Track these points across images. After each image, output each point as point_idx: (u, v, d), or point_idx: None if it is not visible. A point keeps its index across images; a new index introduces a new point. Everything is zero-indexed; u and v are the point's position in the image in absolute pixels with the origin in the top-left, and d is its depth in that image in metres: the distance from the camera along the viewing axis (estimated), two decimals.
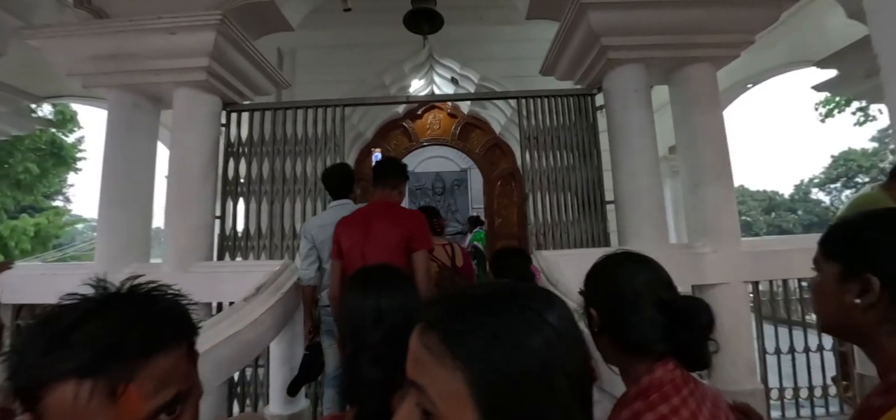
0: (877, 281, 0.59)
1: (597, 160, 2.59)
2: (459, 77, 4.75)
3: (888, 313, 0.59)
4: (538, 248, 2.48)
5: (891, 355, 0.60)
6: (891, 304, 0.59)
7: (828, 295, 0.67)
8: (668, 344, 0.77)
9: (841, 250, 0.67)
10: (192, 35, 2.31)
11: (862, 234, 0.66)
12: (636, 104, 2.33)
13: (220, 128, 2.71)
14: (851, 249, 0.66)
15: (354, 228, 1.92)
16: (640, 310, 0.80)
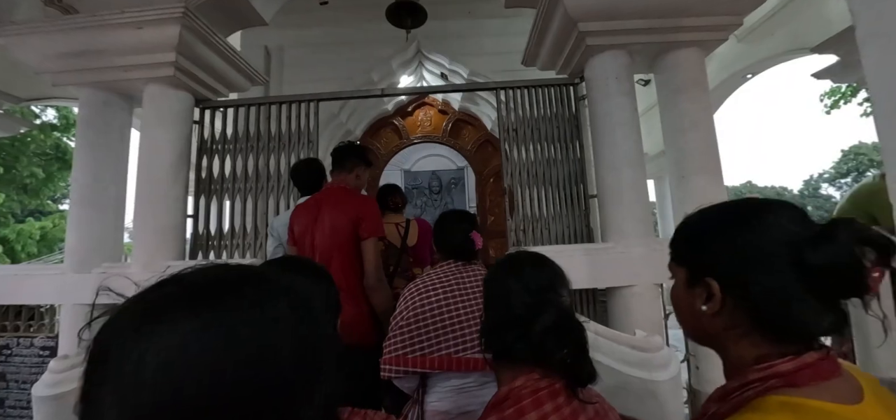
0: (716, 286, 0.55)
1: (580, 152, 2.49)
2: (449, 72, 4.66)
3: (733, 318, 0.55)
4: (517, 244, 2.38)
5: (733, 361, 0.57)
6: (734, 309, 0.55)
7: (680, 301, 0.64)
8: (529, 351, 0.72)
9: (684, 254, 0.64)
10: (158, 29, 2.25)
11: (699, 236, 0.62)
12: (617, 93, 2.22)
13: (193, 125, 2.65)
14: (692, 253, 0.62)
15: (305, 214, 1.88)
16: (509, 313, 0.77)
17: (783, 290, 0.51)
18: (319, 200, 1.88)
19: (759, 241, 0.53)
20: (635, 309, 2.08)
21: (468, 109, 4.99)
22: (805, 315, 0.51)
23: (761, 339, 0.53)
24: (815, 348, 0.52)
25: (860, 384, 0.51)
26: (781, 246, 0.51)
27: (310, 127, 2.64)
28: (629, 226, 2.14)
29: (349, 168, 1.95)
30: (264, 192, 2.62)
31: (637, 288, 2.09)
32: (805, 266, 0.49)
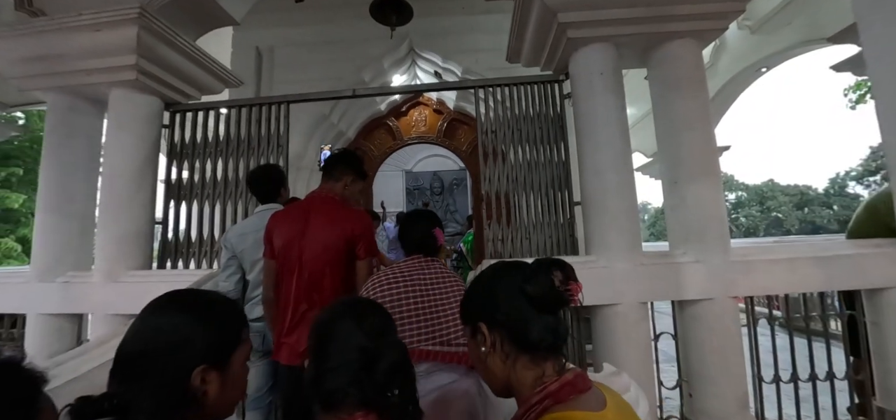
0: (484, 326, 0.73)
1: (565, 155, 2.29)
2: (442, 71, 4.50)
3: (504, 349, 0.72)
4: (495, 255, 2.21)
5: (519, 391, 0.71)
6: (502, 342, 0.72)
7: (475, 358, 0.77)
8: (362, 395, 0.73)
9: (464, 312, 0.80)
10: (115, 31, 2.16)
11: (469, 296, 0.81)
12: (602, 89, 2.02)
13: (162, 130, 2.56)
14: (467, 308, 0.79)
15: (290, 224, 1.69)
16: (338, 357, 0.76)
17: (520, 313, 0.71)
18: (306, 210, 1.70)
19: (500, 286, 0.75)
20: (619, 329, 1.89)
21: (463, 109, 4.82)
22: (541, 328, 0.71)
23: (528, 360, 0.71)
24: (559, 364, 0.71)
25: (604, 395, 0.68)
26: (514, 285, 0.73)
27: (279, 130, 2.51)
28: (613, 237, 1.94)
29: (336, 176, 1.75)
30: (233, 198, 2.51)
31: (621, 307, 1.89)
32: (528, 295, 0.72)
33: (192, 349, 0.67)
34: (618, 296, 1.89)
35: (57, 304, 2.28)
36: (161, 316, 0.70)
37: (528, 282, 0.73)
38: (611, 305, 1.90)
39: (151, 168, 2.45)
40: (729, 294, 1.92)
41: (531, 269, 0.75)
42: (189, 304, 0.71)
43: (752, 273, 1.94)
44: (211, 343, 0.69)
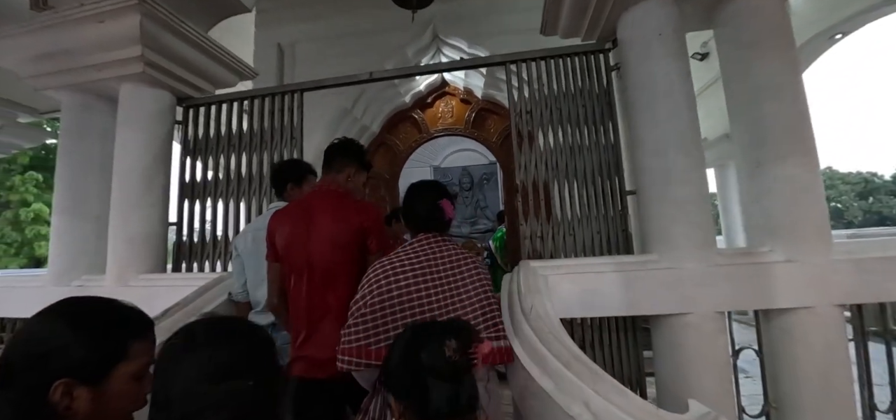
0: (391, 396, 0.80)
1: (613, 136, 1.95)
2: (469, 56, 4.20)
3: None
4: (533, 255, 1.90)
5: None
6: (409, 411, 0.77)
7: None
8: None
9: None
10: (118, 21, 2.04)
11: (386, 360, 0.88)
12: (662, 54, 1.67)
13: (175, 126, 2.44)
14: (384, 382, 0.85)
15: (293, 223, 1.52)
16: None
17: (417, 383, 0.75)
18: (309, 206, 1.53)
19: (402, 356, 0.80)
20: (689, 344, 1.54)
21: (493, 97, 4.51)
22: (438, 398, 0.73)
23: None
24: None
25: None
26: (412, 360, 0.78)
27: (293, 121, 2.32)
28: (679, 232, 1.59)
29: (338, 167, 1.58)
30: (246, 196, 2.34)
31: (692, 317, 1.54)
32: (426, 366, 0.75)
33: (55, 361, 0.63)
34: (687, 303, 1.54)
35: None
36: (40, 323, 0.67)
37: (422, 351, 0.75)
38: (678, 315, 1.55)
39: (163, 166, 2.32)
40: (833, 302, 1.52)
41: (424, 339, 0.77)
42: (67, 313, 0.68)
43: (863, 274, 1.52)
44: (81, 356, 0.65)
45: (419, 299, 1.13)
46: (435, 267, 1.18)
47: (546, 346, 1.13)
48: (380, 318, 1.13)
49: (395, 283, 1.15)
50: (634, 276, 1.58)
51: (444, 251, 1.22)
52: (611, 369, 1.75)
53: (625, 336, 1.77)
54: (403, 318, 1.12)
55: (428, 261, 1.19)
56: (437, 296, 1.15)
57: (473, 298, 1.16)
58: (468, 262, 1.21)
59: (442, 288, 1.16)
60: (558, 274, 1.60)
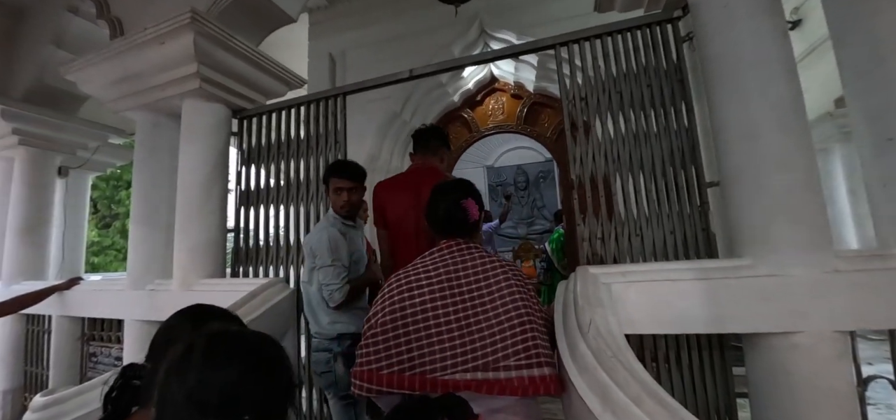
0: None
1: (687, 119, 1.65)
2: None
3: None
4: (593, 259, 1.67)
5: None
6: None
7: None
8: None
9: None
10: (176, 41, 2.16)
11: None
12: (749, 12, 1.36)
13: (231, 137, 2.55)
14: None
15: (401, 194, 1.86)
16: None
17: None
18: (415, 181, 1.83)
19: None
20: (800, 373, 1.22)
21: (545, 90, 4.24)
22: None
23: None
24: None
25: None
26: None
27: (336, 126, 2.30)
28: (781, 230, 1.27)
29: (434, 149, 1.97)
30: (295, 201, 2.37)
31: (802, 338, 1.22)
32: None
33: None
34: (795, 319, 1.23)
35: (145, 310, 2.37)
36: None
37: None
38: (783, 335, 1.24)
39: (220, 176, 2.43)
40: None
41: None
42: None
43: None
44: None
45: (437, 318, 0.99)
46: (456, 280, 1.03)
47: (609, 373, 0.93)
48: (393, 338, 1.01)
49: (409, 299, 1.02)
50: (722, 285, 1.30)
51: (470, 260, 1.06)
52: (693, 395, 1.48)
53: (709, 355, 1.48)
54: (418, 340, 0.99)
55: (447, 273, 1.04)
56: (458, 315, 1.00)
57: (504, 318, 0.98)
58: (499, 273, 1.04)
59: (464, 305, 1.00)
60: (624, 282, 1.37)
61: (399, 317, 1.01)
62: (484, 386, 0.93)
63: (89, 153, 3.85)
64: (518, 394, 0.91)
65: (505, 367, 0.94)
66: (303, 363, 2.25)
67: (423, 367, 0.98)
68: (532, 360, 0.96)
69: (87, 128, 3.62)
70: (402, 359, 0.99)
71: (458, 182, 1.26)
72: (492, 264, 1.07)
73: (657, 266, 1.43)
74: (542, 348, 1.00)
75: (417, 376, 0.97)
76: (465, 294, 1.02)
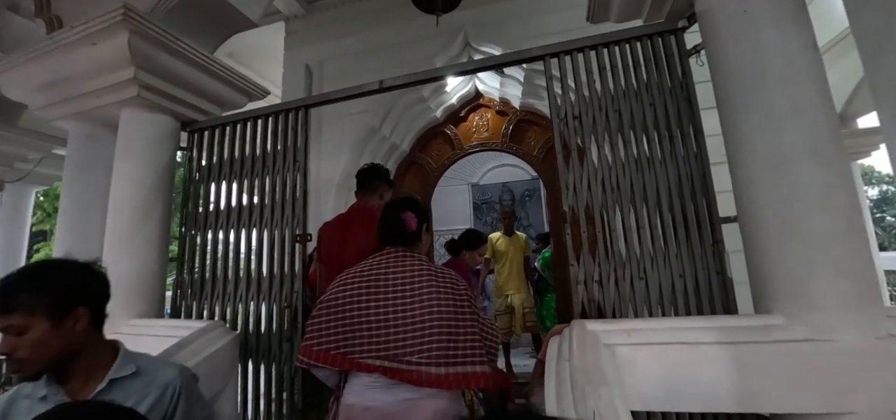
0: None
1: (696, 142, 1.43)
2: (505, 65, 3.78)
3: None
4: (588, 310, 1.41)
5: None
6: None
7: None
8: None
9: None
10: (109, 41, 1.85)
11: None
12: (771, 21, 1.15)
13: (175, 153, 2.23)
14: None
15: (333, 231, 2.03)
16: None
17: None
18: (346, 219, 2.04)
19: None
20: None
21: (532, 107, 4.04)
22: None
23: None
24: None
25: None
26: None
27: (296, 142, 2.02)
28: (823, 285, 1.03)
29: (373, 188, 2.08)
30: (247, 227, 2.07)
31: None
32: None
33: None
34: (845, 398, 0.98)
35: None
36: None
37: None
38: (828, 415, 0.99)
39: (162, 198, 2.11)
40: None
41: None
42: None
43: None
44: None
45: (360, 310, 1.16)
46: (384, 280, 1.19)
47: None
48: (324, 321, 1.19)
49: (342, 291, 1.20)
50: (750, 351, 1.04)
51: (401, 266, 1.21)
52: None
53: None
54: (345, 326, 1.16)
55: (377, 274, 1.21)
56: (379, 309, 1.15)
57: (418, 318, 1.13)
58: (425, 280, 1.18)
59: (386, 302, 1.16)
60: (630, 344, 1.10)
61: (333, 305, 1.19)
62: (388, 372, 1.10)
63: (30, 165, 3.47)
64: (414, 383, 1.08)
65: (407, 360, 1.10)
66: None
67: (346, 349, 1.15)
68: (431, 360, 1.10)
69: (28, 137, 3.25)
70: (330, 340, 1.17)
71: (404, 199, 1.39)
72: (420, 272, 1.20)
73: (669, 323, 1.17)
74: (478, 347, 1.15)
75: (339, 355, 1.16)
76: (389, 293, 1.17)
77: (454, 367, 1.10)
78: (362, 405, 1.13)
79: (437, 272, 1.22)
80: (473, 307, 1.20)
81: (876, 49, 1.16)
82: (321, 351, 1.16)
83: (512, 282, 4.00)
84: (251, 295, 1.98)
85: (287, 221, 1.96)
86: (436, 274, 1.21)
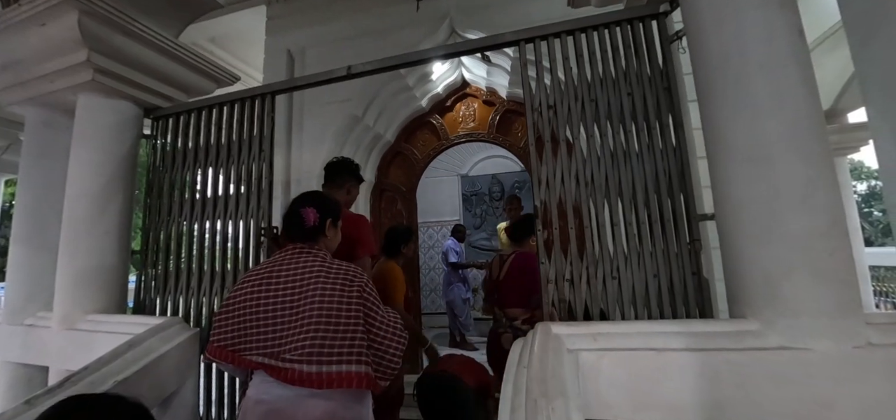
0: None
1: (675, 135, 1.35)
2: (491, 52, 3.68)
3: None
4: (555, 313, 1.34)
5: None
6: None
7: None
8: None
9: None
10: (58, 21, 1.74)
11: None
12: (756, 3, 1.06)
13: (136, 142, 2.12)
14: None
15: None
16: None
17: None
18: None
19: None
20: None
21: (518, 97, 3.94)
22: None
23: None
24: None
25: None
26: None
27: (262, 131, 1.92)
28: (800, 289, 0.96)
29: (340, 182, 1.98)
30: (212, 217, 1.97)
31: None
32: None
33: None
34: (819, 413, 0.92)
35: (19, 351, 1.93)
36: None
37: None
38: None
39: (122, 187, 2.01)
40: None
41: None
42: None
43: None
44: None
45: (250, 308, 1.15)
46: (276, 278, 1.17)
47: None
48: (224, 318, 1.19)
49: (239, 290, 1.20)
50: (721, 359, 0.98)
51: (295, 263, 1.19)
52: None
53: None
54: (237, 324, 1.16)
55: (269, 272, 1.19)
56: (275, 305, 1.14)
57: (315, 314, 1.11)
58: (324, 277, 1.15)
59: (275, 300, 1.15)
60: (595, 350, 1.03)
61: (232, 303, 1.19)
62: (268, 370, 1.10)
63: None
64: (288, 382, 1.06)
65: (283, 358, 1.08)
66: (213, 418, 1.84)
67: (236, 346, 1.16)
68: (303, 357, 1.08)
69: None
70: (227, 337, 1.17)
71: (308, 193, 1.35)
72: (312, 269, 1.17)
73: (637, 327, 1.10)
74: (357, 348, 1.12)
75: (231, 352, 1.16)
76: (278, 291, 1.15)
77: (328, 365, 1.08)
78: (256, 398, 1.13)
79: (331, 269, 1.19)
80: (367, 307, 1.17)
81: (865, 37, 1.08)
82: (219, 347, 1.18)
83: None
84: (215, 289, 1.90)
85: (252, 213, 1.87)
86: (329, 271, 1.18)
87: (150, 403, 1.49)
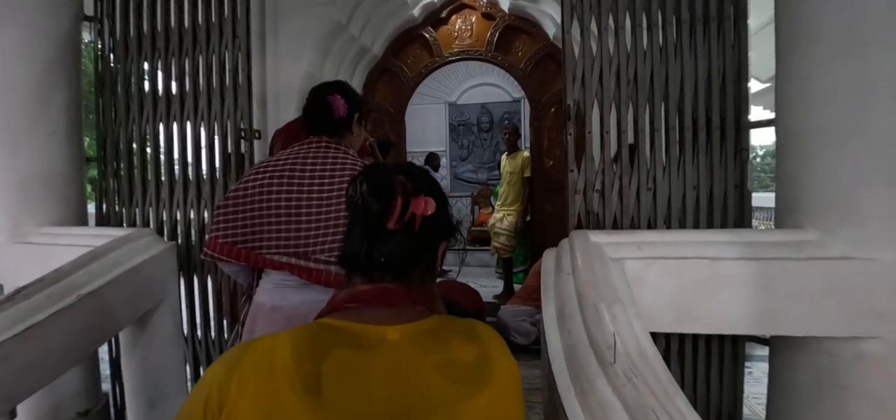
0: None
1: (734, 30, 1.17)
2: None
3: None
4: (585, 219, 1.22)
5: None
6: None
7: None
8: None
9: None
10: None
11: None
12: None
13: (77, 22, 1.75)
14: None
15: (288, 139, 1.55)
16: None
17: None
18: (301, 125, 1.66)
19: None
20: (862, 390, 0.88)
21: (523, 10, 3.60)
22: (351, 244, 0.55)
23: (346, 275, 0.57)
24: (376, 280, 0.53)
25: (427, 322, 0.51)
26: None
27: (235, 13, 1.60)
28: (875, 198, 0.87)
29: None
30: (180, 118, 1.70)
31: (875, 345, 0.87)
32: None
33: None
34: (871, 323, 0.86)
35: None
36: None
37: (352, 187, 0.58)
38: (848, 340, 0.88)
39: (66, 78, 1.68)
40: None
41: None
42: None
43: None
44: None
45: (269, 203, 1.01)
46: (301, 171, 1.04)
47: None
48: (231, 212, 1.05)
49: (254, 181, 1.05)
50: (779, 268, 0.89)
51: (321, 158, 1.05)
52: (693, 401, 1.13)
53: (719, 353, 1.13)
54: (252, 220, 1.03)
55: (292, 165, 1.05)
56: (290, 203, 1.01)
57: (325, 214, 1.00)
58: (343, 175, 1.02)
59: (299, 195, 1.01)
60: (641, 259, 0.93)
61: (242, 196, 1.05)
62: (296, 270, 1.00)
63: None
64: (321, 284, 0.98)
65: (315, 258, 0.99)
66: (199, 340, 1.71)
67: (253, 244, 1.04)
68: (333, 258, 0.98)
69: None
70: (237, 234, 1.04)
71: (332, 82, 1.19)
72: (343, 165, 1.05)
73: (685, 235, 1.00)
74: None
75: (245, 250, 1.04)
76: (303, 186, 1.02)
77: None
78: (271, 304, 1.03)
79: (358, 165, 1.08)
80: None
81: None
82: (226, 244, 1.04)
83: (505, 200, 3.86)
84: (190, 200, 1.68)
85: (228, 113, 1.61)
86: (353, 167, 1.07)
87: (121, 323, 1.33)
